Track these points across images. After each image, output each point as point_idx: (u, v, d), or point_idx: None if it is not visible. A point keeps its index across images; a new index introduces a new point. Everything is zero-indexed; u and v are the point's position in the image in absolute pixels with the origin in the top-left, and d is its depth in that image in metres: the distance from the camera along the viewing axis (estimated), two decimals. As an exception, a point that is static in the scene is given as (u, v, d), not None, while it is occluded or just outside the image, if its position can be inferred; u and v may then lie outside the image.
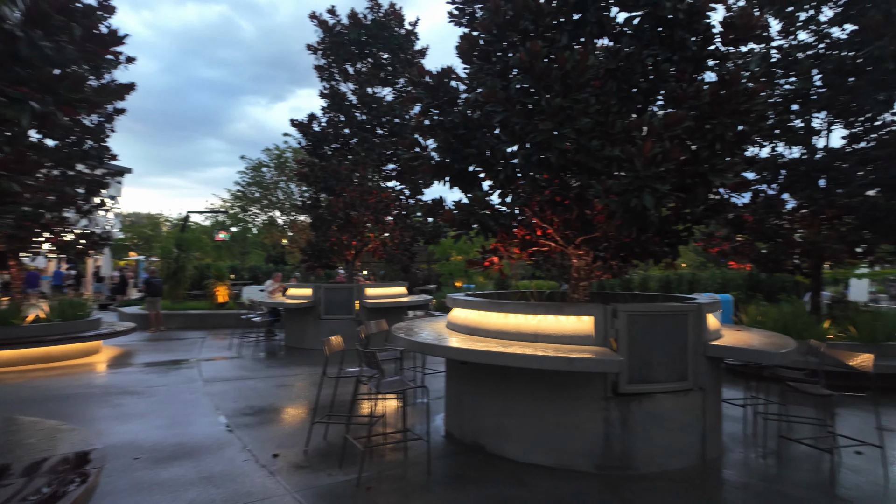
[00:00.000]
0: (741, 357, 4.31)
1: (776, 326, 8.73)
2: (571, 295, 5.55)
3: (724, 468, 4.40)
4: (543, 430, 4.35)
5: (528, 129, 4.09)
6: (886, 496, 3.87)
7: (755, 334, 5.23)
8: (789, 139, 8.76)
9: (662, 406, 4.32)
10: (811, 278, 9.22)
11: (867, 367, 4.23)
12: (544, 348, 4.15)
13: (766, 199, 9.01)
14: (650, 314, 4.36)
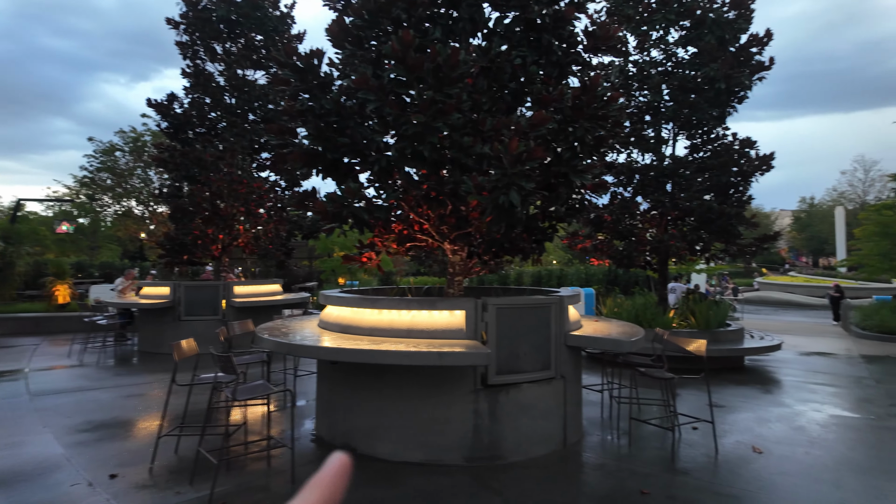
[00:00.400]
0: (597, 346, 4.62)
1: (629, 316, 9.61)
2: (447, 290, 5.58)
3: (584, 451, 4.68)
4: (416, 426, 4.30)
5: (402, 121, 4.00)
6: (716, 465, 4.37)
7: (611, 324, 5.66)
8: (642, 147, 9.67)
9: (528, 395, 4.48)
10: (659, 273, 10.28)
11: (701, 352, 4.75)
12: (417, 344, 4.10)
13: (622, 201, 9.86)
14: (517, 307, 4.49)
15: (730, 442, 4.94)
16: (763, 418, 5.77)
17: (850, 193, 54.60)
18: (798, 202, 63.23)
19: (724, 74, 8.60)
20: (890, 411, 6.11)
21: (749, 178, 9.33)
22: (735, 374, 8.35)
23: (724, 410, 6.07)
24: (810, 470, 4.26)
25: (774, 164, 9.27)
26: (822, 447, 4.82)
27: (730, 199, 9.35)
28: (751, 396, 6.80)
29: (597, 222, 10.09)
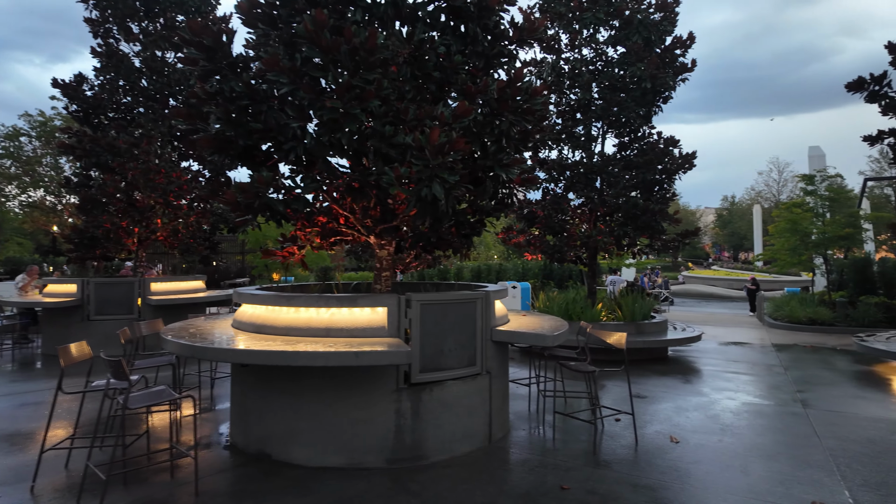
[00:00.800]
0: (521, 341, 4.59)
1: (560, 310, 9.78)
2: (374, 286, 5.39)
3: (509, 447, 4.64)
4: (335, 429, 4.10)
5: (317, 106, 3.77)
6: (636, 456, 4.44)
7: (538, 319, 5.66)
8: (573, 144, 9.83)
9: (453, 392, 4.38)
10: (589, 267, 10.52)
11: (621, 345, 4.82)
12: (335, 343, 3.89)
13: (553, 196, 10.00)
14: (442, 303, 4.38)
15: (650, 432, 5.06)
16: (682, 408, 5.97)
17: (766, 193, 58.69)
18: (721, 200, 67.27)
19: (650, 74, 8.87)
20: (795, 397, 6.50)
21: (673, 175, 9.70)
22: (659, 364, 8.67)
23: (646, 401, 6.24)
24: (721, 457, 4.42)
25: (701, 164, 9.71)
26: (734, 434, 5.02)
27: (654, 196, 9.69)
28: (672, 386, 7.05)
29: (530, 217, 10.19)
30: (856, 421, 5.48)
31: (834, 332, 12.75)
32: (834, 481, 3.92)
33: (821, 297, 14.79)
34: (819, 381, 7.40)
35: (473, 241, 5.80)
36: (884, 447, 4.68)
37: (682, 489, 3.78)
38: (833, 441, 4.83)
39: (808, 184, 14.20)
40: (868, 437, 4.97)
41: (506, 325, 4.99)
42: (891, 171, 40.61)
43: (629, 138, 10.09)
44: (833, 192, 13.97)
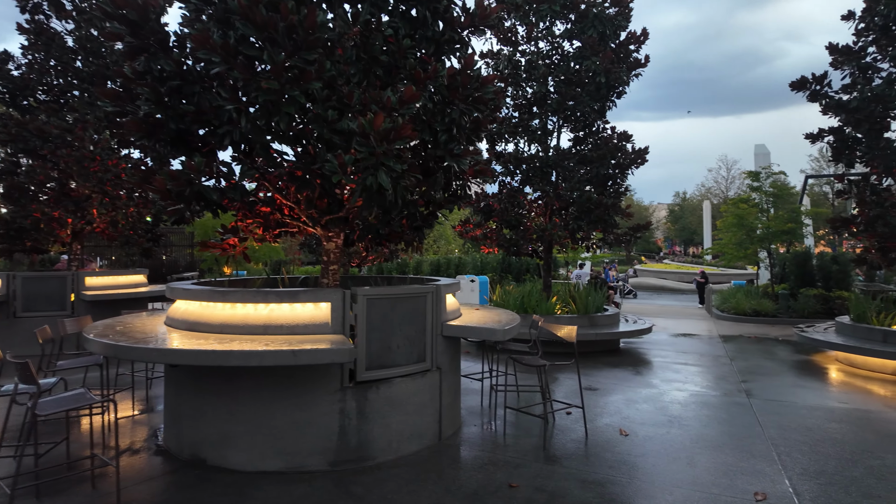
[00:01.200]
0: (472, 335, 4.48)
1: (515, 303, 9.76)
2: (322, 280, 5.17)
3: (459, 444, 4.53)
4: (275, 432, 3.88)
5: (252, 87, 3.52)
6: (586, 451, 4.41)
7: (491, 312, 5.57)
8: (529, 137, 9.80)
9: (401, 390, 4.23)
10: (544, 261, 10.55)
11: (571, 338, 4.78)
12: (274, 341, 3.67)
13: (510, 190, 9.96)
14: (390, 297, 4.21)
15: (600, 425, 5.05)
16: (632, 399, 6.02)
17: (716, 189, 60.97)
18: (673, 196, 69.42)
19: (605, 68, 8.91)
20: (740, 387, 6.67)
21: (625, 170, 9.81)
22: (611, 356, 8.77)
23: (597, 393, 6.27)
24: (669, 449, 4.44)
25: (654, 161, 9.84)
26: (682, 426, 5.08)
27: (608, 191, 9.78)
28: (623, 378, 7.12)
29: (486, 211, 10.12)
30: (795, 410, 5.65)
31: (777, 323, 13.28)
32: (775, 471, 3.99)
33: (764, 290, 15.40)
34: (762, 371, 7.64)
35: (433, 235, 5.65)
36: (821, 435, 4.82)
37: (630, 483, 3.76)
38: (774, 430, 4.94)
39: (754, 180, 14.73)
40: (807, 425, 5.11)
41: (458, 320, 4.87)
42: (829, 169, 42.92)
43: (584, 133, 10.14)
44: (777, 189, 14.54)
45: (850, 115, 8.01)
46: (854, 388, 6.66)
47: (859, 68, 8.08)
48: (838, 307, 13.12)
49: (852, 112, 7.98)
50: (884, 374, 7.44)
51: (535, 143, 9.81)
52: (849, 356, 8.04)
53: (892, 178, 8.00)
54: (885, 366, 7.48)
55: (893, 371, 7.40)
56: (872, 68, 8.02)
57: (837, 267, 13.78)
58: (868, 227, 7.92)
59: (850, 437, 4.78)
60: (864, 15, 8.15)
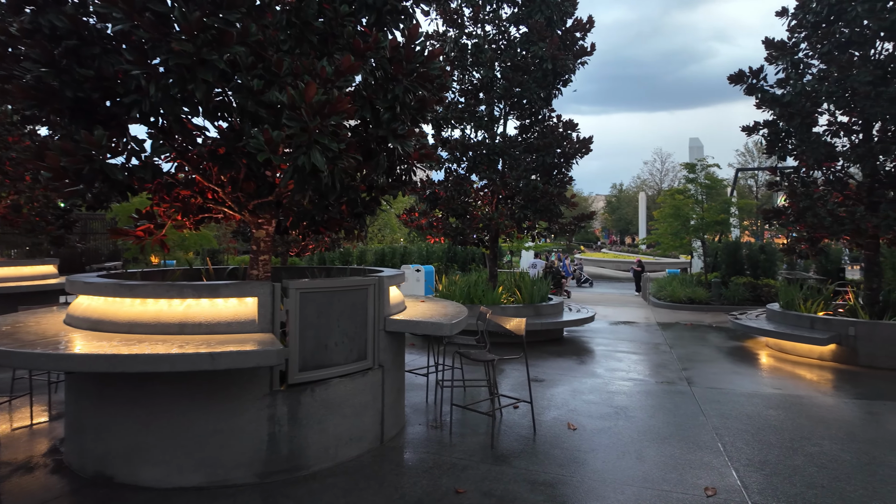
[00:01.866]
0: (417, 330, 4.19)
1: (461, 294, 9.56)
2: (251, 271, 4.70)
3: (402, 446, 4.25)
4: (193, 443, 3.44)
5: (162, 50, 3.03)
6: (534, 448, 4.23)
7: (437, 305, 5.30)
8: (476, 124, 9.55)
9: (339, 391, 3.88)
10: (490, 250, 10.39)
11: (520, 331, 4.59)
12: (191, 342, 3.23)
13: (456, 177, 9.69)
14: (327, 291, 3.84)
15: (548, 419, 4.91)
16: (578, 391, 5.94)
17: (651, 181, 63.47)
18: (610, 188, 71.68)
19: (552, 55, 8.77)
20: (681, 375, 6.76)
21: (570, 160, 9.77)
22: (555, 345, 8.74)
23: (544, 385, 6.15)
24: (618, 443, 4.34)
25: (593, 153, 9.84)
26: (628, 417, 5.02)
27: (553, 180, 9.71)
28: (568, 368, 7.06)
29: (432, 199, 9.81)
30: (735, 397, 5.75)
31: (710, 310, 13.82)
32: (722, 463, 3.96)
33: (698, 279, 16.03)
34: (700, 359, 7.82)
35: (378, 223, 5.29)
36: (761, 423, 4.89)
37: (581, 483, 3.61)
38: (717, 419, 4.97)
39: (690, 171, 15.23)
40: (747, 413, 5.18)
41: (402, 314, 4.56)
42: (755, 163, 45.59)
43: (530, 121, 10.01)
44: (710, 181, 15.09)
45: (783, 108, 8.26)
46: (785, 374, 6.90)
47: (792, 64, 8.35)
48: (765, 294, 13.81)
49: (785, 106, 8.24)
50: (810, 359, 7.78)
51: (482, 130, 9.58)
52: (779, 342, 8.38)
53: (820, 171, 8.34)
54: (812, 351, 7.83)
55: (819, 356, 7.75)
56: (805, 64, 8.30)
57: (765, 256, 14.50)
58: (798, 217, 8.23)
59: (788, 423, 4.87)
60: (796, 12, 8.41)
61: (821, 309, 8.38)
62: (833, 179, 8.38)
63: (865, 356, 7.32)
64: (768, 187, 9.04)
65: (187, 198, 4.58)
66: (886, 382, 6.44)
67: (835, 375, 6.83)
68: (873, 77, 7.36)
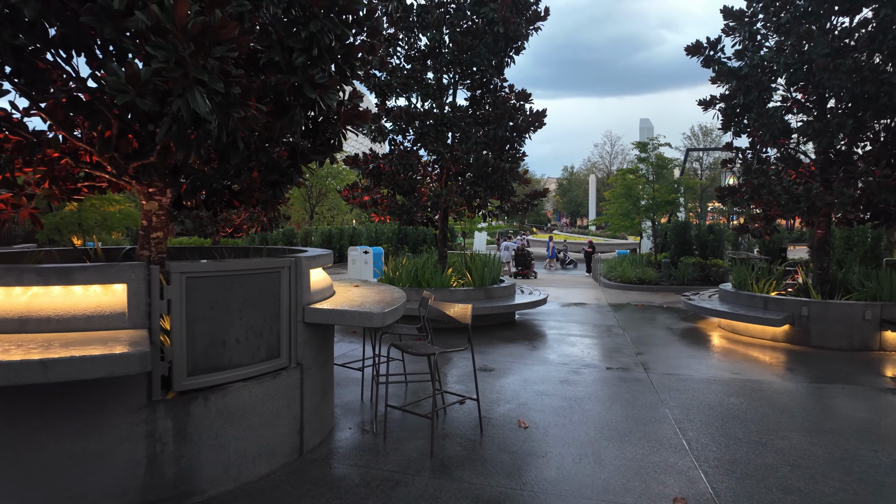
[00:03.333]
0: (341, 321, 3.52)
1: (409, 277, 8.91)
2: (139, 252, 3.87)
3: (326, 457, 3.59)
4: (43, 471, 2.66)
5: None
6: (482, 453, 3.68)
7: (373, 290, 4.63)
8: (423, 92, 8.81)
9: (242, 397, 3.17)
10: (440, 230, 9.76)
11: (466, 319, 3.99)
12: (29, 342, 2.44)
13: (401, 151, 8.96)
14: (224, 275, 3.10)
15: (497, 416, 4.37)
16: (529, 380, 5.44)
17: (601, 164, 64.46)
18: (562, 171, 72.39)
19: (503, 17, 8.12)
20: (636, 360, 6.39)
21: (523, 133, 9.21)
22: (506, 329, 8.26)
23: (493, 375, 5.62)
24: (572, 442, 3.84)
25: (545, 137, 9.45)
26: (583, 411, 4.54)
27: (505, 155, 9.14)
28: (519, 355, 6.57)
29: (376, 174, 9.04)
30: (693, 385, 5.39)
31: (660, 290, 13.77)
32: (689, 464, 3.52)
33: (647, 259, 16.01)
34: (654, 342, 7.51)
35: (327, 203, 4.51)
36: (724, 413, 4.52)
37: (532, 499, 3.07)
38: (679, 411, 4.57)
39: (642, 151, 15.05)
40: (708, 402, 4.82)
41: (328, 301, 3.86)
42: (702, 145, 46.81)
43: (481, 91, 9.36)
44: (661, 161, 14.97)
45: (740, 81, 7.96)
46: (740, 357, 6.66)
47: (750, 35, 8.04)
48: (714, 274, 13.88)
49: (742, 79, 7.94)
50: (763, 340, 7.62)
51: (430, 100, 8.85)
52: (731, 323, 8.20)
53: (776, 148, 8.13)
54: (765, 332, 7.67)
55: (772, 337, 7.60)
56: (762, 35, 8.01)
57: (713, 237, 14.55)
58: (752, 195, 8.01)
59: (752, 413, 4.52)
60: (755, -19, 8.08)
61: (773, 289, 8.25)
62: (786, 156, 8.19)
63: (817, 336, 7.19)
64: (722, 165, 8.81)
65: (55, 160, 3.70)
66: (839, 364, 6.29)
67: (789, 357, 6.64)
68: (831, 49, 7.11)
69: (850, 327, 7.02)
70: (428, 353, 3.83)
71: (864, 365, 6.23)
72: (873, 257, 13.08)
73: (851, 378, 5.67)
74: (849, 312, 7.04)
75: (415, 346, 4.01)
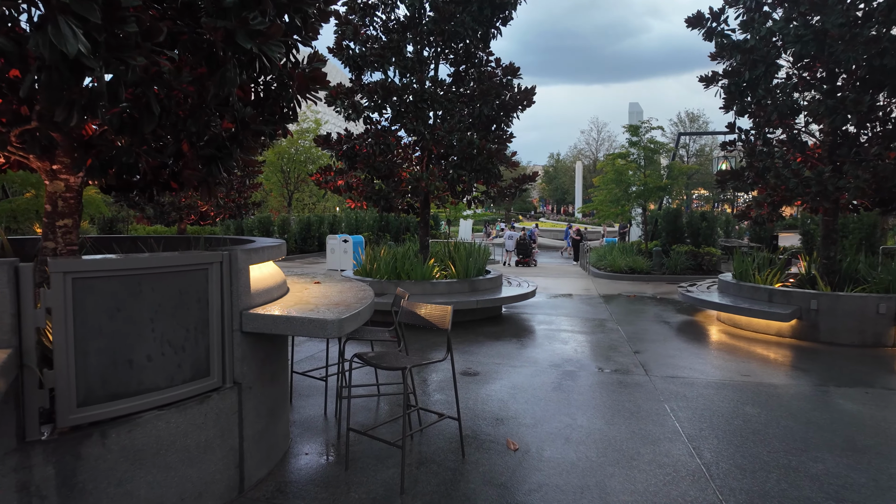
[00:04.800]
0: (289, 330, 2.84)
1: (387, 268, 8.23)
2: (44, 244, 3.14)
3: (273, 495, 2.93)
4: None
5: None
6: (464, 485, 3.04)
7: (336, 287, 3.94)
8: (402, 65, 8.05)
9: (159, 429, 2.48)
10: (421, 217, 9.07)
11: (445, 325, 3.33)
12: None
13: (377, 130, 8.21)
14: (128, 275, 2.39)
15: (482, 437, 3.73)
16: (518, 387, 4.82)
17: (587, 151, 64.01)
18: (548, 158, 71.83)
19: (490, -17, 7.38)
20: (635, 360, 5.81)
21: (511, 112, 8.52)
22: (493, 325, 7.64)
23: (477, 381, 4.99)
24: (573, 470, 3.23)
25: (531, 124, 8.84)
26: (581, 427, 3.93)
27: (491, 135, 8.45)
28: (506, 356, 5.95)
29: (350, 155, 8.30)
30: (702, 390, 4.82)
31: (651, 280, 13.26)
32: (712, 499, 2.92)
33: (637, 247, 15.49)
34: (652, 338, 6.95)
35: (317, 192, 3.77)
36: (741, 426, 3.94)
37: (528, 554, 2.44)
38: (690, 425, 3.98)
39: (633, 134, 14.43)
40: (722, 413, 4.24)
41: (276, 304, 3.17)
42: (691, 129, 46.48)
43: (465, 66, 8.63)
44: (654, 144, 14.37)
45: (745, 55, 7.34)
46: (747, 355, 6.11)
47: (756, 4, 7.40)
48: (707, 263, 13.40)
49: (748, 52, 7.32)
50: (767, 335, 7.10)
51: (409, 74, 8.10)
52: (732, 317, 7.67)
53: (782, 129, 7.54)
54: (769, 326, 7.14)
55: (777, 332, 7.08)
56: (769, 5, 7.37)
57: (706, 224, 14.05)
58: (757, 179, 7.44)
59: (773, 427, 3.95)
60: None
61: (777, 280, 7.72)
62: (791, 138, 7.62)
63: (827, 331, 6.68)
64: (721, 147, 8.22)
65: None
66: (855, 363, 5.77)
67: (799, 355, 6.12)
68: (845, 20, 6.51)
69: (863, 322, 6.51)
70: (399, 366, 3.16)
71: (882, 364, 5.72)
72: (868, 245, 12.70)
73: (873, 380, 5.14)
74: (861, 305, 6.52)
75: (384, 357, 3.34)
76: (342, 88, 7.85)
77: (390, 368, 3.13)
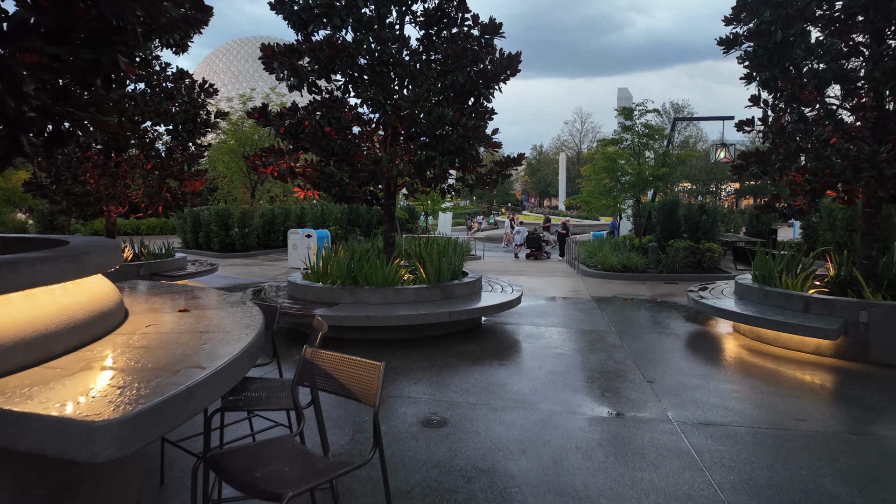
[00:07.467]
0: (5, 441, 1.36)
1: (342, 272, 6.76)
2: None
3: None
4: None
5: None
6: None
7: (204, 322, 2.46)
8: (357, 18, 6.51)
9: None
10: (385, 209, 7.59)
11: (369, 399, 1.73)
12: None
13: (325, 100, 6.69)
14: None
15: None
16: (500, 451, 3.39)
17: (570, 142, 62.92)
18: (531, 150, 70.58)
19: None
20: (652, 395, 4.42)
21: (492, 82, 7.07)
22: (468, 341, 6.22)
23: (442, 436, 3.54)
24: None
25: (515, 118, 7.63)
26: (599, 532, 2.53)
27: (467, 109, 6.99)
28: (484, 388, 4.54)
29: (294, 132, 6.75)
30: (753, 448, 3.45)
31: (647, 279, 11.97)
32: None
33: (630, 242, 14.21)
34: (665, 358, 5.59)
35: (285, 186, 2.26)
36: (797, 496, 2.58)
37: None
38: None
39: (627, 118, 13.06)
40: (778, 485, 2.87)
41: (44, 366, 1.68)
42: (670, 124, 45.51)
43: (437, 28, 7.14)
44: (651, 130, 13.04)
45: (776, 10, 5.98)
46: (793, 386, 4.78)
47: (791, -52, 6.04)
48: (708, 260, 12.16)
49: (779, 7, 5.96)
50: (804, 353, 5.80)
51: (364, 30, 6.57)
52: (755, 329, 6.36)
53: (818, 102, 6.21)
54: (805, 343, 5.83)
55: (815, 349, 5.78)
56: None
57: (706, 217, 12.79)
58: (790, 161, 6.12)
59: (888, 527, 2.60)
60: None
61: (808, 284, 6.43)
62: (829, 113, 6.31)
63: (880, 350, 5.40)
64: (737, 128, 6.90)
65: None
66: (931, 395, 4.49)
67: (855, 384, 4.81)
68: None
69: (928, 339, 5.24)
70: (277, 492, 1.69)
71: (966, 398, 4.44)
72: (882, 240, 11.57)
73: (972, 426, 3.85)
74: (925, 319, 5.25)
75: (259, 460, 1.87)
76: (280, 48, 6.29)
77: (261, 496, 1.66)
